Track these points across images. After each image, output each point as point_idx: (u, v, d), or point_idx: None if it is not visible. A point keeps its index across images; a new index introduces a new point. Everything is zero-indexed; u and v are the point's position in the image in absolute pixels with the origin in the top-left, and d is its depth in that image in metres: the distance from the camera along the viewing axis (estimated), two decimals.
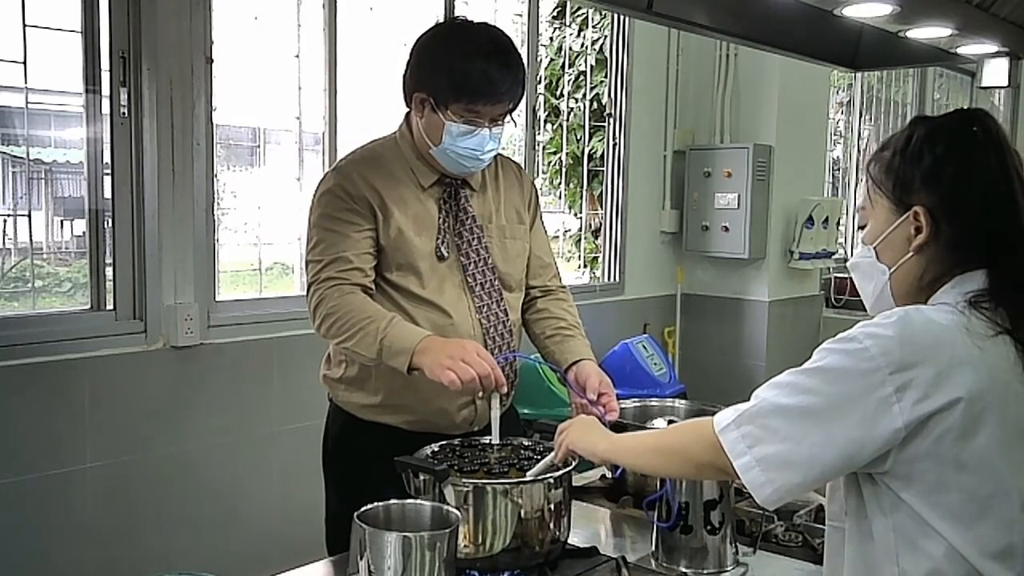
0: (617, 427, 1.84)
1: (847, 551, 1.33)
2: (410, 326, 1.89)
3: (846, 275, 5.51)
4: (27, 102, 2.82)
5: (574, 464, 1.73)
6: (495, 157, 2.07)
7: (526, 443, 1.89)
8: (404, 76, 2.02)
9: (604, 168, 4.90)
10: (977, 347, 1.22)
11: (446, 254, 2.01)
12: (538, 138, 4.54)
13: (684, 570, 1.72)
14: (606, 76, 4.92)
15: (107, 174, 2.95)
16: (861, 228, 1.40)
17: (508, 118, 1.99)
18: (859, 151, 6.69)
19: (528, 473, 1.71)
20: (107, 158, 2.94)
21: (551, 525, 1.69)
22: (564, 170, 5.23)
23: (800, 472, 1.24)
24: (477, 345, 1.85)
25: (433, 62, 1.95)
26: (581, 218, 5.11)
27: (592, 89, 5.03)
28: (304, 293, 2.02)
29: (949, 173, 1.29)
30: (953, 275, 1.29)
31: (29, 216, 2.91)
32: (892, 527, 1.25)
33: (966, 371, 1.19)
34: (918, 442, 1.20)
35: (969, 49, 2.70)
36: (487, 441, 1.88)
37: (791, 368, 1.28)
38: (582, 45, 5.02)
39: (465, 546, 1.63)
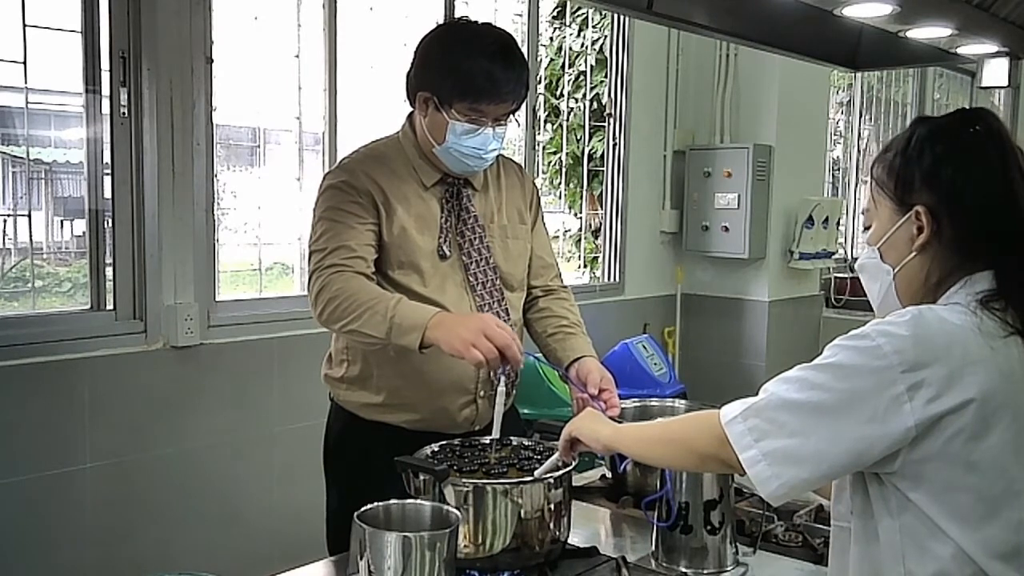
0: None
1: (852, 552, 1.32)
2: (419, 304, 1.88)
3: (846, 275, 5.54)
4: (27, 102, 2.82)
5: (574, 464, 1.73)
6: (497, 157, 2.07)
7: (526, 443, 1.89)
8: (408, 75, 2.03)
9: (604, 168, 4.90)
10: (989, 347, 1.22)
11: (448, 253, 2.01)
12: (538, 138, 4.54)
13: (684, 570, 1.72)
14: (606, 76, 4.93)
15: (107, 174, 2.95)
16: (866, 229, 1.40)
17: (511, 118, 2.00)
18: (859, 151, 6.69)
19: (535, 473, 1.70)
20: (107, 158, 2.94)
21: (551, 525, 1.69)
22: (564, 170, 5.23)
23: (807, 468, 1.23)
24: (494, 317, 1.84)
25: (437, 62, 1.95)
26: (581, 218, 5.11)
27: (592, 89, 5.03)
28: (304, 292, 2.02)
29: (949, 172, 1.29)
30: (959, 275, 1.29)
31: (29, 216, 2.91)
32: (899, 528, 1.25)
33: (979, 371, 1.19)
34: (929, 442, 1.20)
35: (969, 49, 2.70)
36: (487, 441, 1.88)
37: (800, 364, 1.28)
38: (582, 45, 5.02)
39: (465, 546, 1.63)
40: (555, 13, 5.45)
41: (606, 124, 4.89)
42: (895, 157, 1.34)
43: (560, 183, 5.31)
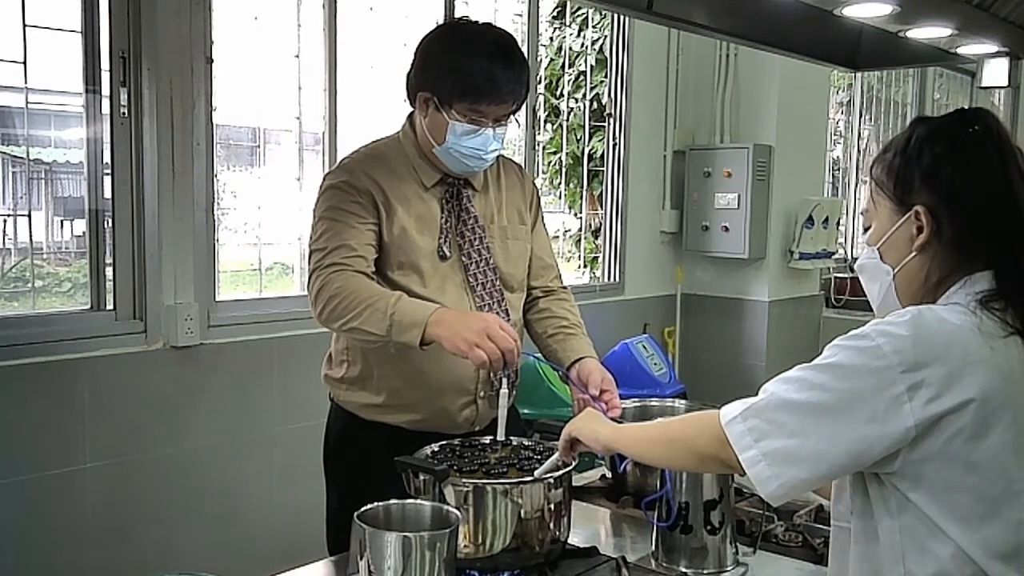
0: None
1: (852, 552, 1.32)
2: (419, 300, 1.88)
3: (846, 275, 5.54)
4: (27, 102, 2.82)
5: (574, 464, 1.73)
6: (497, 157, 2.07)
7: (526, 443, 1.89)
8: (408, 76, 2.03)
9: (604, 168, 4.90)
10: (989, 347, 1.22)
11: (448, 254, 2.01)
12: (538, 138, 4.54)
13: (684, 570, 1.72)
14: (606, 76, 4.92)
15: (107, 174, 2.95)
16: (866, 230, 1.40)
17: (512, 118, 2.00)
18: (859, 151, 6.69)
19: (535, 473, 1.70)
20: (107, 158, 2.94)
21: (551, 525, 1.69)
22: (564, 170, 5.23)
23: (807, 468, 1.24)
24: (498, 318, 1.84)
25: (437, 62, 1.95)
26: (581, 218, 5.11)
27: (592, 89, 5.03)
28: (304, 292, 2.02)
29: (948, 172, 1.29)
30: (958, 275, 1.29)
31: (29, 216, 2.91)
32: (899, 528, 1.25)
33: (978, 371, 1.19)
34: (929, 442, 1.20)
35: (969, 49, 2.70)
36: (487, 441, 1.88)
37: (800, 364, 1.28)
38: (582, 45, 5.02)
39: (465, 546, 1.63)
40: (555, 13, 5.44)
41: (606, 124, 4.89)
42: (894, 157, 1.34)
43: (560, 183, 5.31)
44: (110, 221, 2.96)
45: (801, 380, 1.26)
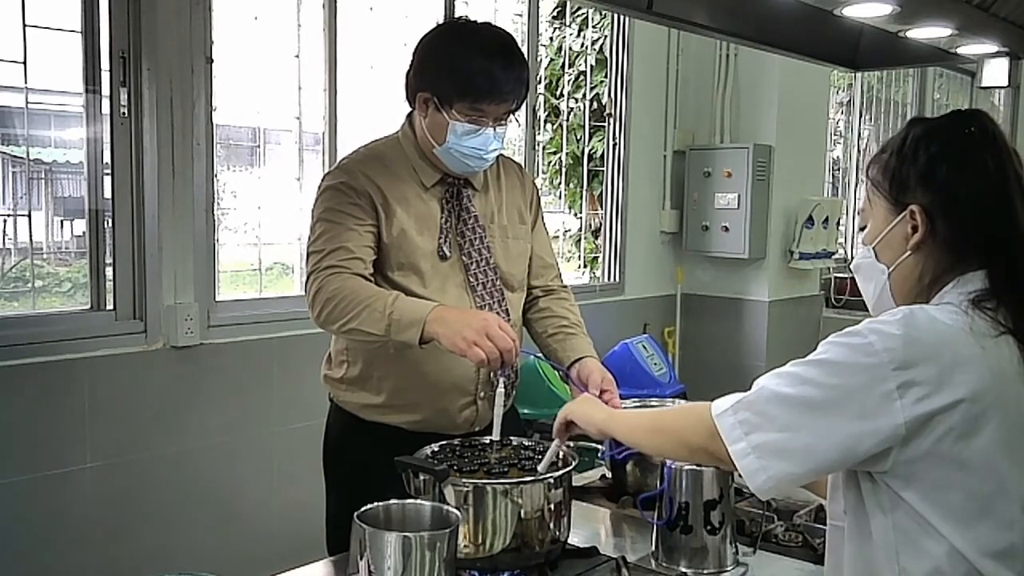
0: None
1: (847, 550, 1.33)
2: (417, 299, 1.88)
3: (846, 275, 5.54)
4: (27, 102, 2.82)
5: (574, 464, 1.73)
6: (497, 157, 2.07)
7: (526, 443, 1.89)
8: (407, 75, 2.03)
9: (604, 168, 4.90)
10: (980, 347, 1.22)
11: (448, 254, 2.01)
12: (538, 138, 4.54)
13: (684, 570, 1.72)
14: (606, 76, 4.93)
15: (107, 174, 2.95)
16: (861, 230, 1.41)
17: (512, 117, 2.00)
18: (859, 151, 6.69)
19: (539, 468, 1.71)
20: (107, 158, 2.94)
21: (551, 525, 1.69)
22: (564, 170, 5.23)
23: (796, 462, 1.24)
24: (497, 318, 1.84)
25: (437, 62, 1.95)
26: (581, 218, 5.11)
27: (592, 89, 5.03)
28: (303, 293, 2.02)
29: (943, 172, 1.30)
30: (952, 275, 1.30)
31: (29, 216, 2.91)
32: (892, 526, 1.25)
33: (969, 371, 1.20)
34: (919, 441, 1.20)
35: (969, 49, 2.70)
36: (487, 441, 1.88)
37: (794, 359, 1.29)
38: (582, 45, 5.02)
39: (465, 546, 1.63)
40: (555, 13, 5.45)
41: (606, 124, 4.89)
42: (890, 157, 1.35)
43: (560, 183, 5.31)
44: (110, 221, 2.96)
45: (793, 375, 1.27)
